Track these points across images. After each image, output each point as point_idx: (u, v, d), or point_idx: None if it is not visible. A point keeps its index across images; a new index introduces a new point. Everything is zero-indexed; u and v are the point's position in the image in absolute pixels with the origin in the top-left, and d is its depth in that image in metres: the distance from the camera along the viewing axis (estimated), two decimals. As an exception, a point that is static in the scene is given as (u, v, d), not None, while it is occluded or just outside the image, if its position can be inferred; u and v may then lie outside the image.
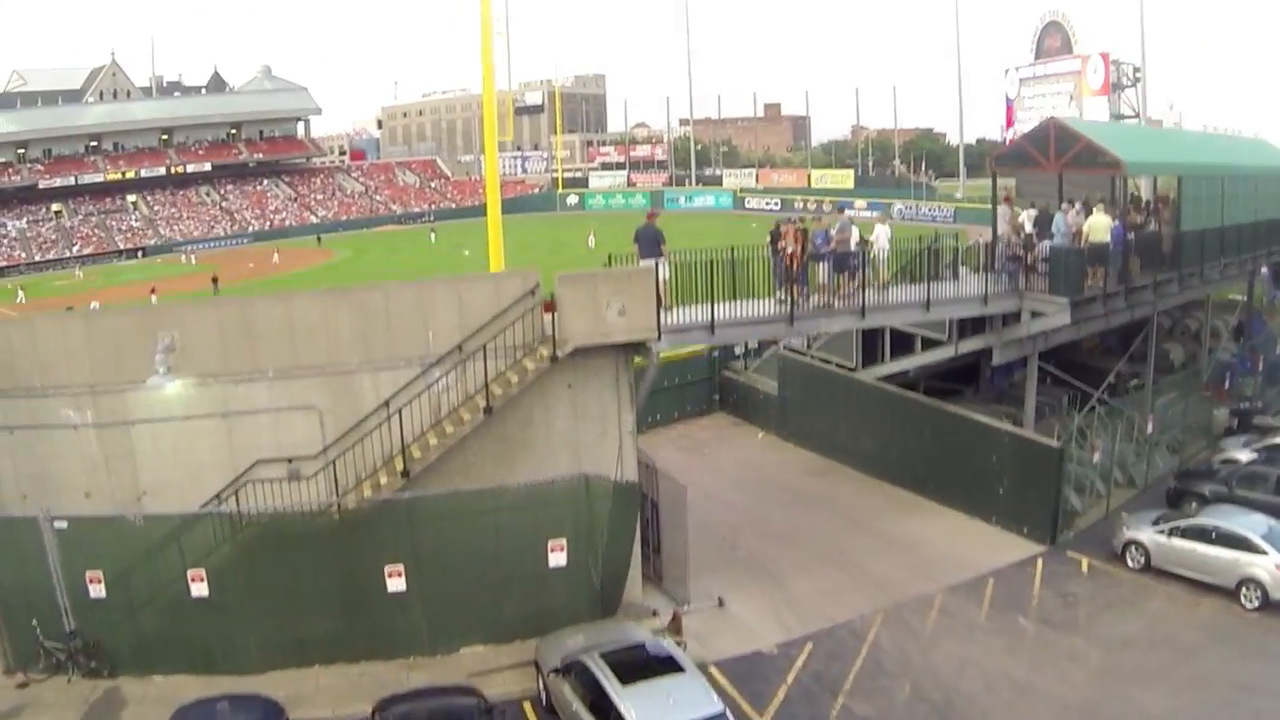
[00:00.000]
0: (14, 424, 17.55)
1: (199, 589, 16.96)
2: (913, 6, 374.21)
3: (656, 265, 19.28)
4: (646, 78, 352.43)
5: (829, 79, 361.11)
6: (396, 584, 17.08)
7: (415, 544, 17.14)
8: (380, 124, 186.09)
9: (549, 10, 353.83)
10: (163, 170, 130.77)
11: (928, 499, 26.06)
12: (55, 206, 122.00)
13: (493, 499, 17.17)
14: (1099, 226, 23.52)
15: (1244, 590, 20.61)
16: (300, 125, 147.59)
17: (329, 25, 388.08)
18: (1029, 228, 25.61)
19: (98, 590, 17.29)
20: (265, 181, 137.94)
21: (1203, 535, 21.52)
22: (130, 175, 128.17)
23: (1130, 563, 22.42)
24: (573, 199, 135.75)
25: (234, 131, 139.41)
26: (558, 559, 17.77)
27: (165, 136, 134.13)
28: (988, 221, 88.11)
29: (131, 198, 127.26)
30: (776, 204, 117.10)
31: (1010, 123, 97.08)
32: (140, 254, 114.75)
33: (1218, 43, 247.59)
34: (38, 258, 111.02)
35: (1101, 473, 25.09)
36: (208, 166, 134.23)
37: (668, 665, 15.64)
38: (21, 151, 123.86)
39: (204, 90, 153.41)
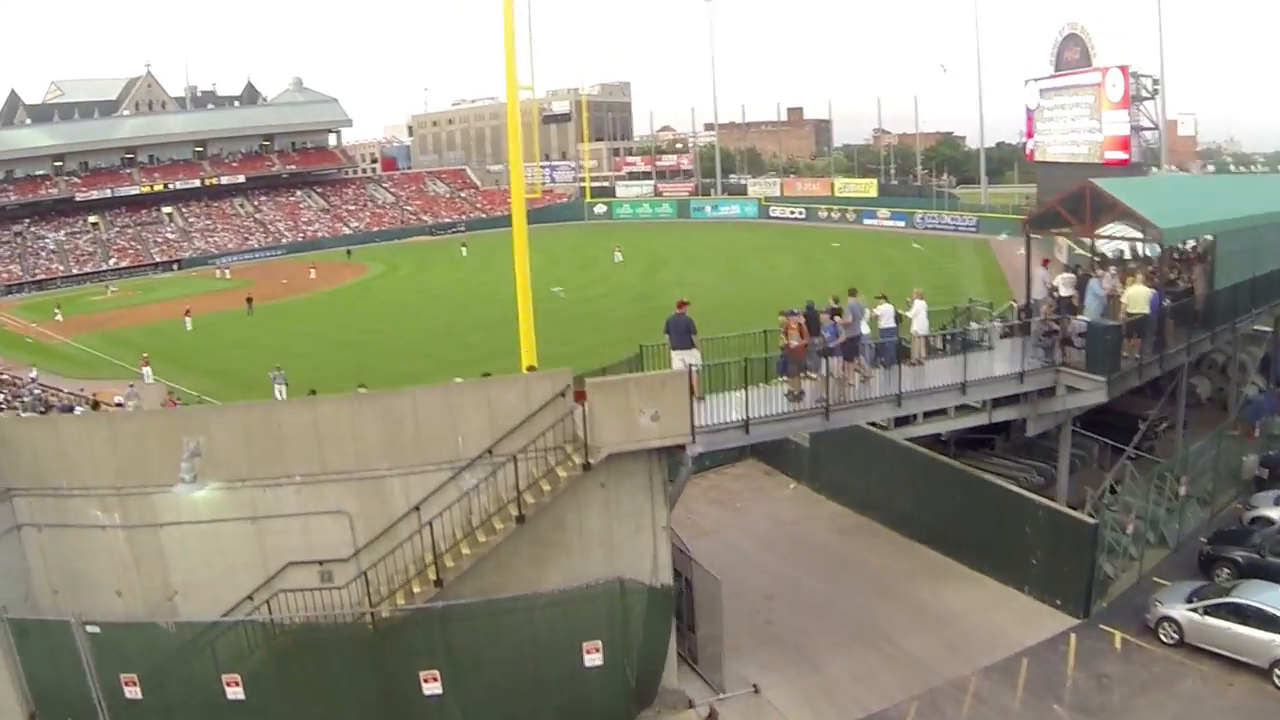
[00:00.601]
0: (42, 521, 17.65)
1: (234, 693, 16.95)
2: (933, 10, 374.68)
3: (688, 358, 19.17)
4: (671, 84, 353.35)
5: (850, 82, 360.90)
6: (433, 688, 17.03)
7: (450, 649, 17.02)
8: (411, 130, 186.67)
9: (574, 20, 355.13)
10: (197, 182, 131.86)
11: (960, 563, 25.75)
12: (92, 218, 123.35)
13: (527, 605, 17.10)
14: (1137, 299, 23.14)
15: (1276, 671, 20.34)
16: (332, 136, 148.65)
17: (360, 32, 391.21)
18: (1064, 291, 25.27)
19: (133, 692, 17.29)
20: (298, 193, 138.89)
21: (1236, 614, 21.22)
22: (165, 187, 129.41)
23: (1164, 638, 22.05)
24: (600, 208, 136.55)
25: (267, 143, 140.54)
26: (593, 659, 17.64)
27: (200, 149, 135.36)
28: (1010, 231, 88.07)
29: (167, 209, 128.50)
30: (801, 213, 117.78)
31: (1030, 133, 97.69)
32: (176, 266, 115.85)
33: (1236, 47, 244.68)
34: (75, 270, 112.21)
35: (1135, 537, 24.76)
36: (241, 178, 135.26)
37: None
38: (59, 164, 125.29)
39: (237, 102, 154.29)
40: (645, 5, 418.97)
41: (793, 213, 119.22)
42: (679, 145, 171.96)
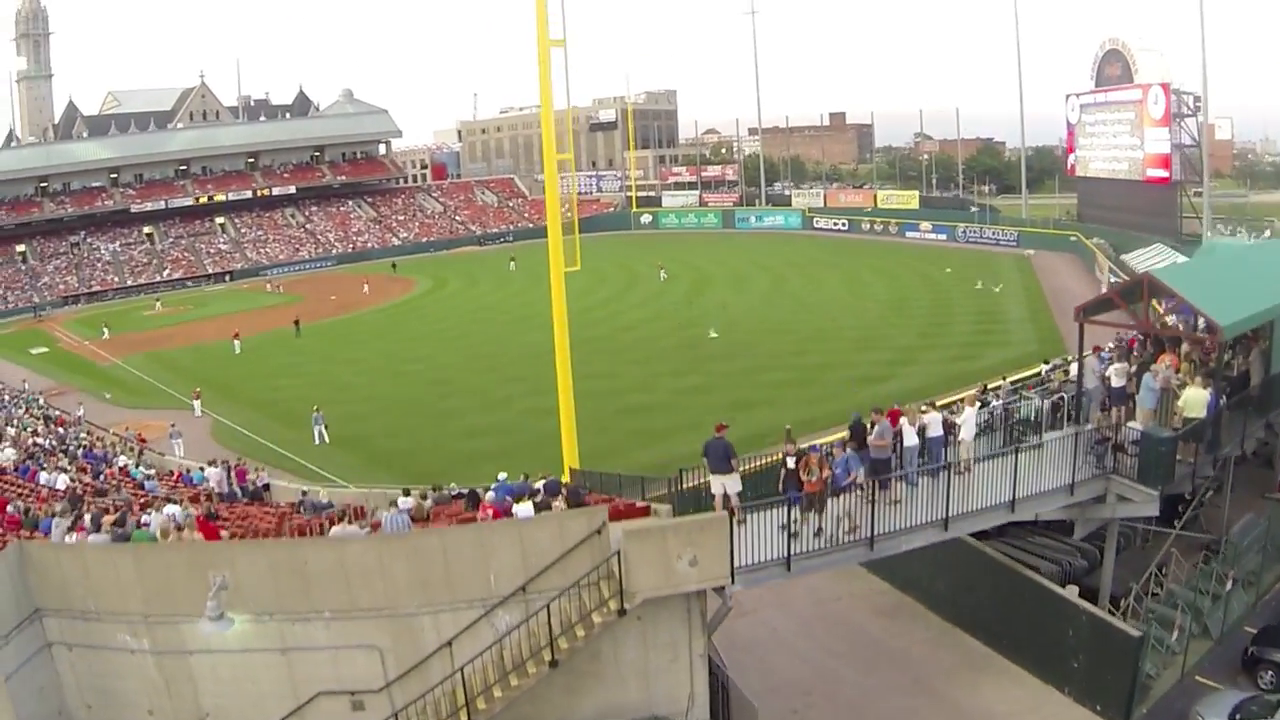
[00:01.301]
0: (72, 641, 17.61)
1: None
2: (973, 13, 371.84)
3: (726, 483, 18.78)
4: (716, 89, 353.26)
5: (892, 84, 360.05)
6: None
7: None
8: (460, 135, 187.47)
9: (620, 28, 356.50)
10: (249, 193, 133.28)
11: (1001, 655, 24.99)
12: (147, 229, 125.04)
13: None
14: (1195, 403, 22.26)
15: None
16: (381, 146, 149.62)
17: (410, 37, 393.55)
18: (1117, 382, 24.55)
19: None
20: (349, 203, 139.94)
21: (1278, 729, 20.52)
22: (218, 199, 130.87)
23: (1205, 752, 21.47)
24: (646, 218, 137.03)
25: (317, 154, 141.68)
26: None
27: (251, 160, 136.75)
28: (1050, 245, 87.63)
29: (220, 220, 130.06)
30: (844, 225, 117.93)
31: (1071, 148, 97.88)
32: (228, 278, 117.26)
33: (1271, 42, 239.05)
34: (129, 282, 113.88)
35: (1179, 631, 24.02)
36: (292, 189, 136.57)
37: None
38: (114, 176, 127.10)
39: (288, 113, 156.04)
40: (690, 13, 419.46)
41: (836, 224, 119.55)
42: (724, 150, 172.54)
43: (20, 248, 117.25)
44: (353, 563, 16.40)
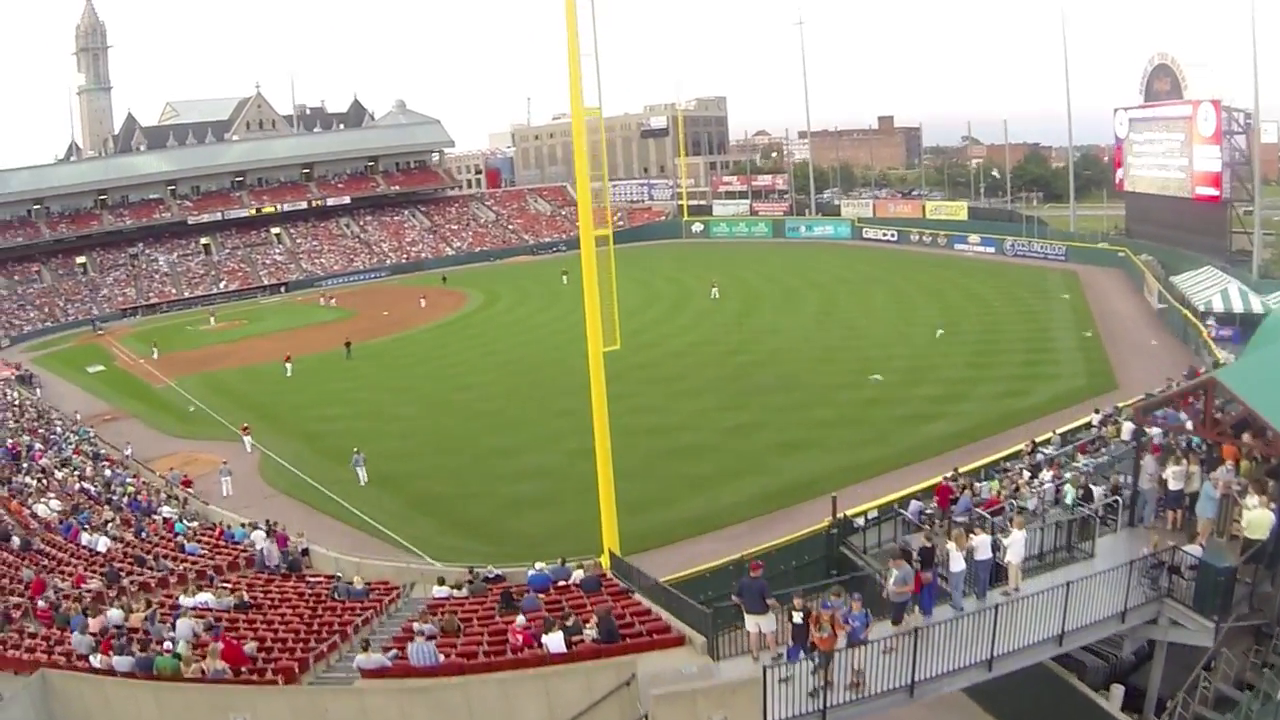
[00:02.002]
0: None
1: None
2: (1020, 16, 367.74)
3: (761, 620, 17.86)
4: (765, 92, 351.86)
5: (939, 85, 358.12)
6: None
7: None
8: (514, 140, 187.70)
9: (670, 35, 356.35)
10: (304, 204, 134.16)
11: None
12: (204, 240, 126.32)
13: None
14: (1258, 525, 20.40)
15: None
16: (434, 155, 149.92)
17: (464, 41, 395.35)
18: (1174, 486, 23.11)
19: None
20: (404, 212, 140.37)
21: None
22: (273, 210, 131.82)
23: None
24: (698, 226, 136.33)
25: (371, 164, 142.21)
26: None
27: (306, 170, 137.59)
28: (1098, 261, 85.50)
29: (275, 230, 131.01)
30: (893, 236, 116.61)
31: (1119, 162, 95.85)
32: (283, 289, 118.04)
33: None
34: (186, 293, 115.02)
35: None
36: (347, 199, 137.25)
37: None
38: (172, 188, 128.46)
39: (343, 122, 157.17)
40: (739, 20, 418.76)
41: (885, 235, 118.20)
42: (774, 154, 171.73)
43: (80, 259, 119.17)
44: (375, 713, 15.71)
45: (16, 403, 61.71)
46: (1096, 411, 36.94)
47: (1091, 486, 25.48)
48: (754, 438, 45.72)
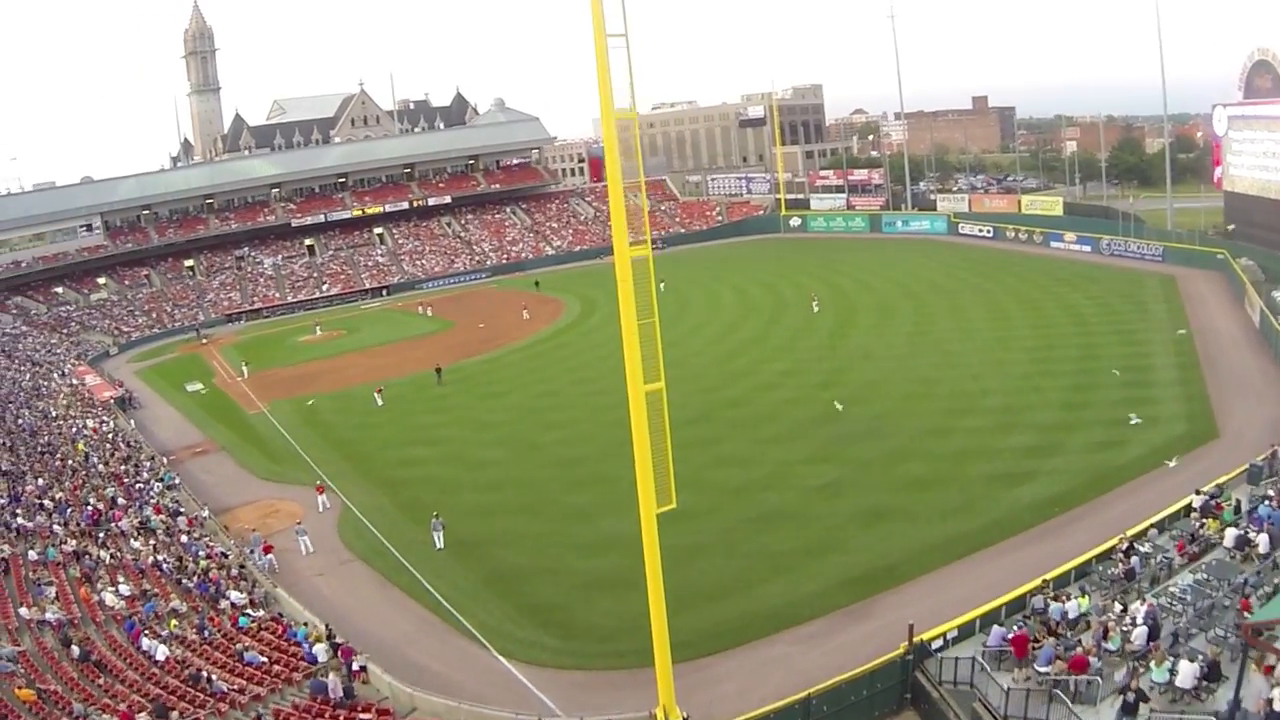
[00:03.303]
0: None
1: None
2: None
3: None
4: (860, 76, 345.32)
5: (1032, 61, 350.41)
6: None
7: None
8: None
9: (763, 24, 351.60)
10: (406, 204, 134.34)
11: None
12: (308, 241, 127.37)
13: None
14: None
15: None
16: (534, 152, 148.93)
17: (565, 27, 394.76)
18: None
19: None
20: (505, 209, 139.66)
21: None
22: (376, 210, 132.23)
23: None
24: (795, 221, 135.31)
25: (472, 162, 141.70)
26: None
27: (408, 170, 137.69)
28: (1196, 263, 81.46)
29: (378, 230, 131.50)
30: (989, 232, 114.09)
31: (1218, 161, 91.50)
32: (385, 292, 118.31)
33: None
34: (289, 297, 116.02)
35: None
36: (448, 198, 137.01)
37: None
38: (276, 190, 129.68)
39: (445, 116, 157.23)
40: (833, 6, 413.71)
41: (981, 230, 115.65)
42: (870, 135, 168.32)
43: (189, 262, 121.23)
44: None
45: (110, 435, 62.02)
46: (1198, 493, 33.71)
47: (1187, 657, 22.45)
48: (839, 502, 43.20)
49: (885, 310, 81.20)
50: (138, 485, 51.77)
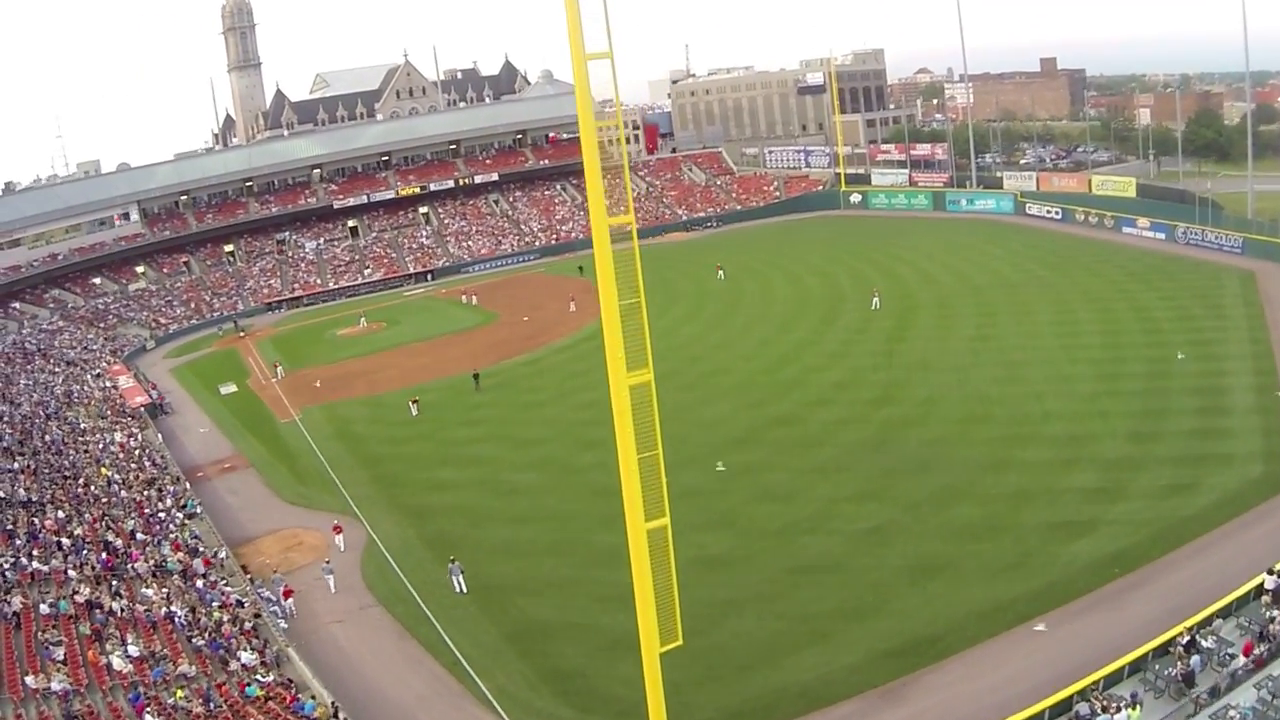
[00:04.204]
0: None
1: None
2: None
3: None
4: (924, 25, 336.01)
5: (1105, 19, 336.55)
6: None
7: None
8: (670, 95, 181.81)
9: None
10: (451, 182, 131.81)
11: None
12: (351, 222, 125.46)
13: None
14: None
15: None
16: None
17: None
18: None
19: None
20: (555, 185, 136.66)
21: None
22: (420, 189, 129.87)
23: None
24: (856, 197, 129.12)
25: (519, 137, 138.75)
26: None
27: (453, 146, 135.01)
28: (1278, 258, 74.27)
29: (423, 209, 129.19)
30: (1058, 213, 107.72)
31: None
32: (429, 277, 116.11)
33: None
34: (331, 284, 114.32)
35: None
36: (495, 176, 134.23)
37: None
38: (317, 171, 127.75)
39: (494, 86, 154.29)
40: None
41: (1049, 211, 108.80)
42: (935, 99, 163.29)
43: (229, 247, 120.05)
44: None
45: (137, 452, 60.61)
46: (1270, 572, 30.16)
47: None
48: (885, 552, 40.17)
49: (946, 308, 76.90)
50: (159, 514, 50.21)
